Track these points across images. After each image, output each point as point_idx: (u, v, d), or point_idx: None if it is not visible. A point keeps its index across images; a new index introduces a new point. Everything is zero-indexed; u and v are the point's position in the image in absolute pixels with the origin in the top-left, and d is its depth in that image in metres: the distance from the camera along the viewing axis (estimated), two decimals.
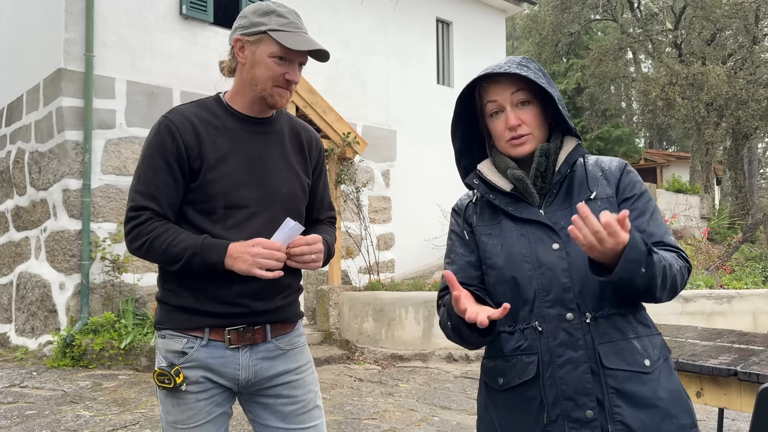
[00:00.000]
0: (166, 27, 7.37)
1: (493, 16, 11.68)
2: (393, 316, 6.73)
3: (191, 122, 1.62)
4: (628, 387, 1.27)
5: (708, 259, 9.53)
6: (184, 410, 1.61)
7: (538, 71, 1.39)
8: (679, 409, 1.29)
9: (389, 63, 9.73)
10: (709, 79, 14.58)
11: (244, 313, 1.62)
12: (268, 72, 1.61)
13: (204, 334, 1.61)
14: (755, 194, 18.68)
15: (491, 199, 1.44)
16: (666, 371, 1.33)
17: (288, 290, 1.70)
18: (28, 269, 7.29)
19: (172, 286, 1.64)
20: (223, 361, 1.61)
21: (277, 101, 1.65)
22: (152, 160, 1.59)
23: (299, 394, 1.71)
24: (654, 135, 28.00)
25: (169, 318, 1.64)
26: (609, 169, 1.42)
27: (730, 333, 2.70)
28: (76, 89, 6.70)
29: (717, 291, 6.53)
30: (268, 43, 1.59)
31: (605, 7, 18.71)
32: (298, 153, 1.76)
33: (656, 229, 1.35)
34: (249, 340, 1.63)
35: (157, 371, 1.61)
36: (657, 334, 1.37)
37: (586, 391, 1.28)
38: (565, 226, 1.33)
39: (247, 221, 1.62)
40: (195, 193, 1.61)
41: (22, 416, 4.34)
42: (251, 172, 1.64)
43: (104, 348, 5.98)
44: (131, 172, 6.99)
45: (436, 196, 9.53)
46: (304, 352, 1.77)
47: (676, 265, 1.30)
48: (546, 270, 1.33)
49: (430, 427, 4.12)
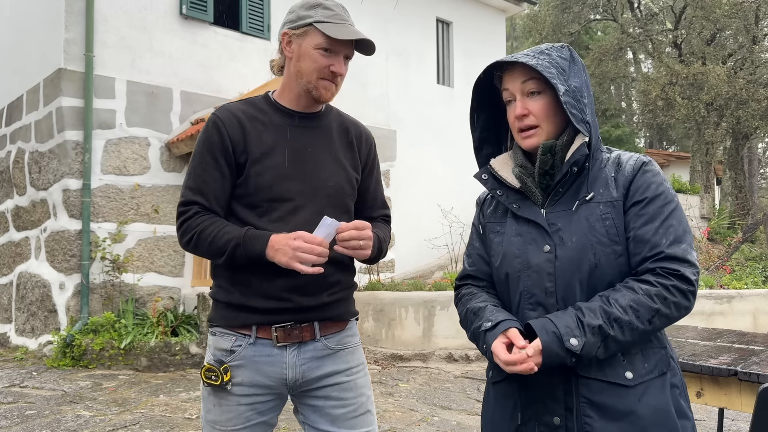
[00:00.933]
0: (166, 27, 7.36)
1: (493, 16, 11.68)
2: (393, 316, 6.73)
3: (237, 117, 1.63)
4: (602, 398, 1.24)
5: (708, 259, 9.53)
6: (225, 411, 1.60)
7: (556, 62, 1.32)
8: (660, 429, 1.23)
9: (389, 63, 9.73)
10: (709, 79, 14.57)
11: (289, 308, 1.59)
12: (314, 64, 1.60)
13: (251, 331, 1.60)
14: (755, 194, 18.67)
15: (498, 195, 1.42)
16: (657, 388, 1.26)
17: (337, 287, 1.66)
18: (28, 269, 7.29)
19: (221, 282, 1.64)
20: (270, 360, 1.59)
21: (322, 94, 1.64)
22: (201, 157, 1.62)
23: (350, 397, 1.67)
24: (654, 135, 28.00)
25: (219, 315, 1.64)
26: (623, 170, 1.32)
27: (730, 333, 2.70)
28: (76, 89, 6.70)
29: (717, 291, 6.53)
30: (314, 34, 1.59)
31: (605, 7, 18.72)
32: (346, 148, 1.74)
33: (662, 238, 1.24)
34: (296, 338, 1.60)
35: (205, 366, 1.60)
36: (660, 347, 1.30)
37: (556, 397, 1.28)
38: (561, 228, 1.31)
39: (292, 214, 1.61)
40: (241, 187, 1.61)
41: (22, 416, 4.33)
42: (296, 165, 1.63)
43: (104, 348, 5.98)
44: (131, 172, 7.00)
45: (436, 196, 9.53)
46: (356, 353, 1.72)
47: (649, 302, 1.20)
48: (532, 272, 1.32)
49: (430, 427, 4.12)
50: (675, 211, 1.28)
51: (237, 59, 7.95)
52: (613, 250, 1.27)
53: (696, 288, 1.23)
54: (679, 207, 1.30)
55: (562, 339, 1.19)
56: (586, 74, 1.37)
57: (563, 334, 1.20)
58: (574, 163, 1.31)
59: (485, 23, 11.48)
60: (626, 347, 1.25)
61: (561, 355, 1.20)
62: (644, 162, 1.33)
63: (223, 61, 7.81)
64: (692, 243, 1.27)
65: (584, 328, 1.20)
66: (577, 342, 1.19)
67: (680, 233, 1.26)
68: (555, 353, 1.20)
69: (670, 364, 1.31)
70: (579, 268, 1.27)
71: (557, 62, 1.32)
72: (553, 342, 1.20)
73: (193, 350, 6.01)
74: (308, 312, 1.61)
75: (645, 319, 1.21)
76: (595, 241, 1.27)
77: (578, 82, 1.32)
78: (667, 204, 1.28)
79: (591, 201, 1.31)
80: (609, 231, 1.28)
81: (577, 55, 1.38)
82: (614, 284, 1.27)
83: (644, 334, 1.24)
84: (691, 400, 2.08)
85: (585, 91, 1.33)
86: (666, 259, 1.23)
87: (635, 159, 1.34)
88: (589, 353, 1.20)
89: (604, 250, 1.27)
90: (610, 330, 1.20)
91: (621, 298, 1.22)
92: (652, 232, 1.25)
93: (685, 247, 1.24)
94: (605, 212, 1.29)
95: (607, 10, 18.77)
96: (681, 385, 1.32)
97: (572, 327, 1.20)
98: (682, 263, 1.23)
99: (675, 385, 1.30)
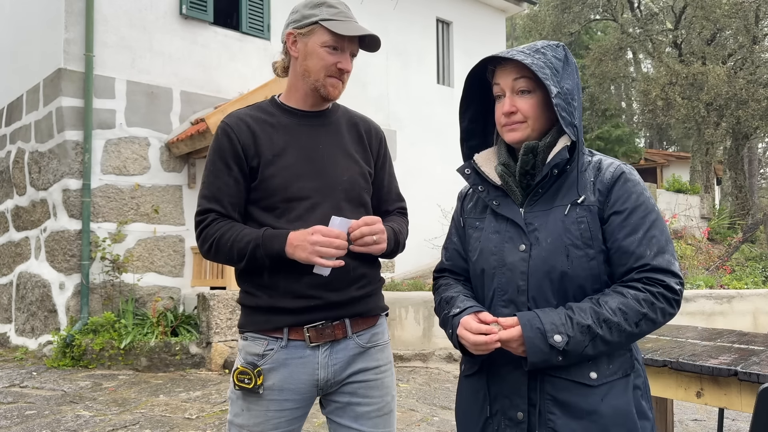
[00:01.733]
0: (166, 27, 7.37)
1: (493, 16, 11.68)
2: (393, 316, 6.73)
3: (246, 122, 1.64)
4: (566, 396, 1.27)
5: (708, 259, 9.53)
6: (254, 416, 1.59)
7: (551, 62, 1.32)
8: (620, 429, 1.26)
9: (389, 63, 9.74)
10: (709, 79, 14.58)
11: (319, 305, 1.58)
12: (321, 62, 1.61)
13: (283, 334, 1.59)
14: (755, 194, 18.67)
15: (479, 191, 1.44)
16: (620, 389, 1.28)
17: (363, 280, 1.66)
18: (28, 269, 7.29)
19: (248, 287, 1.64)
20: (303, 361, 1.59)
21: (330, 92, 1.65)
22: (213, 165, 1.63)
23: (375, 396, 1.66)
24: (654, 135, 28.00)
25: (249, 320, 1.64)
26: (603, 176, 1.33)
27: (730, 333, 2.69)
28: (76, 89, 6.70)
29: (717, 291, 6.53)
30: (320, 32, 1.60)
31: (605, 7, 18.72)
32: (357, 143, 1.74)
33: (647, 249, 1.26)
34: (329, 337, 1.60)
35: (238, 369, 1.60)
36: (626, 350, 1.32)
37: (520, 393, 1.31)
38: (538, 228, 1.33)
39: (309, 212, 1.60)
40: (257, 191, 1.62)
41: (22, 416, 4.33)
42: (309, 163, 1.64)
43: (104, 348, 5.98)
44: (131, 172, 7.00)
45: (436, 196, 9.53)
46: (385, 351, 1.72)
47: (637, 306, 1.24)
48: (506, 270, 1.34)
49: (430, 427, 4.12)
50: (657, 221, 1.30)
51: (237, 59, 7.95)
52: (585, 253, 1.29)
53: (680, 297, 1.26)
54: (660, 216, 1.32)
55: (546, 335, 1.22)
56: (577, 76, 1.37)
57: (547, 331, 1.22)
58: (555, 165, 1.32)
59: (485, 23, 11.48)
60: (613, 349, 1.27)
61: (545, 351, 1.22)
62: (624, 171, 1.33)
63: (223, 61, 7.81)
64: (674, 252, 1.30)
65: (573, 326, 1.22)
66: (560, 339, 1.21)
67: (663, 243, 1.28)
68: (539, 348, 1.22)
69: (634, 366, 1.33)
70: (552, 268, 1.29)
71: (552, 62, 1.32)
72: (537, 337, 1.22)
73: (193, 350, 6.01)
74: (338, 308, 1.61)
75: (633, 321, 1.24)
76: (569, 243, 1.29)
77: (570, 84, 1.33)
78: (649, 214, 1.30)
79: (569, 204, 1.32)
80: (583, 234, 1.29)
81: (571, 56, 1.38)
82: (585, 287, 1.29)
83: (630, 337, 1.26)
84: (691, 400, 2.09)
85: (576, 94, 1.34)
86: (652, 271, 1.26)
87: (615, 166, 1.34)
88: (576, 351, 1.23)
89: (576, 252, 1.29)
90: (598, 330, 1.22)
91: (610, 301, 1.24)
92: (636, 244, 1.27)
93: (668, 258, 1.27)
94: (581, 216, 1.30)
95: (607, 10, 18.77)
96: (644, 387, 1.34)
97: (558, 324, 1.23)
98: (666, 274, 1.26)
99: (638, 386, 1.32)
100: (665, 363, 2.07)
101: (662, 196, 14.78)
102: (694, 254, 9.40)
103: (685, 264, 8.23)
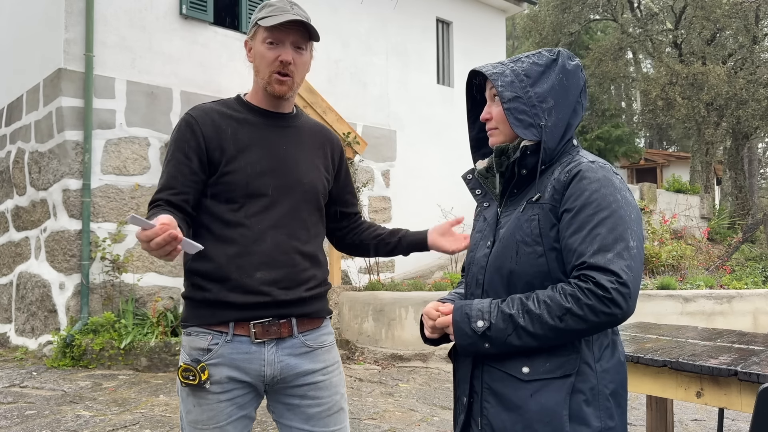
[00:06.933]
0: (166, 27, 7.37)
1: (493, 15, 11.68)
2: (393, 316, 6.73)
3: (210, 116, 1.67)
4: (500, 387, 1.34)
5: (708, 259, 9.53)
6: (206, 410, 1.59)
7: (522, 69, 1.36)
8: (544, 427, 1.26)
9: (389, 63, 9.73)
10: (709, 79, 14.58)
11: (268, 302, 1.60)
12: (264, 59, 1.65)
13: (228, 329, 1.60)
14: (755, 194, 18.67)
15: (476, 195, 1.54)
16: (554, 388, 1.27)
17: (312, 281, 1.68)
18: (28, 269, 7.29)
19: (197, 280, 1.64)
20: (248, 357, 1.60)
21: (276, 88, 1.66)
22: (172, 155, 1.65)
23: (325, 396, 1.70)
24: (654, 135, 28.01)
25: (193, 314, 1.65)
26: (559, 176, 1.33)
27: (730, 333, 2.69)
28: (76, 89, 6.70)
29: (717, 291, 6.53)
30: (260, 32, 1.65)
31: (605, 7, 18.72)
32: (318, 149, 1.79)
33: (588, 246, 1.23)
34: (274, 334, 1.61)
35: (182, 366, 1.60)
36: (572, 352, 1.29)
37: (466, 379, 1.42)
38: (503, 227, 1.41)
39: (268, 209, 1.64)
40: (217, 185, 1.63)
41: (22, 416, 4.34)
42: (272, 161, 1.67)
43: (104, 348, 5.98)
44: (131, 172, 7.00)
45: (436, 196, 9.53)
46: (331, 352, 1.75)
47: (562, 300, 1.23)
48: (474, 266, 1.46)
49: (430, 427, 4.12)
50: (607, 219, 1.25)
51: (237, 59, 7.94)
52: (533, 249, 1.32)
53: (615, 296, 1.19)
54: (617, 214, 1.26)
55: (470, 320, 1.31)
56: (571, 79, 1.39)
57: (472, 317, 1.31)
58: (522, 165, 1.37)
59: (485, 23, 11.48)
60: (543, 343, 1.27)
61: (469, 335, 1.31)
62: (581, 169, 1.30)
63: (223, 61, 7.81)
64: (627, 251, 1.23)
65: (497, 314, 1.29)
66: (482, 324, 1.29)
67: (608, 242, 1.23)
68: (463, 332, 1.32)
69: (580, 370, 1.29)
70: (502, 264, 1.36)
71: (524, 69, 1.37)
72: (462, 321, 1.32)
73: None
74: (286, 307, 1.63)
75: (555, 315, 1.23)
76: (519, 240, 1.34)
77: (545, 87, 1.35)
78: (599, 212, 1.25)
79: (525, 202, 1.37)
80: (533, 231, 1.33)
81: (566, 61, 1.40)
82: (533, 284, 1.32)
83: (556, 332, 1.24)
84: (691, 400, 2.09)
85: (551, 96, 1.35)
86: (587, 268, 1.22)
87: (576, 164, 1.33)
88: (500, 338, 1.28)
89: (525, 249, 1.33)
90: (520, 319, 1.26)
91: (541, 294, 1.28)
92: (579, 241, 1.25)
93: (610, 257, 1.21)
94: (534, 213, 1.34)
95: (607, 10, 18.77)
96: (592, 394, 1.29)
97: (484, 311, 1.31)
98: (601, 272, 1.21)
99: (581, 390, 1.28)
100: (665, 363, 2.07)
101: (662, 196, 14.77)
102: (694, 254, 9.39)
103: (685, 264, 8.24)
